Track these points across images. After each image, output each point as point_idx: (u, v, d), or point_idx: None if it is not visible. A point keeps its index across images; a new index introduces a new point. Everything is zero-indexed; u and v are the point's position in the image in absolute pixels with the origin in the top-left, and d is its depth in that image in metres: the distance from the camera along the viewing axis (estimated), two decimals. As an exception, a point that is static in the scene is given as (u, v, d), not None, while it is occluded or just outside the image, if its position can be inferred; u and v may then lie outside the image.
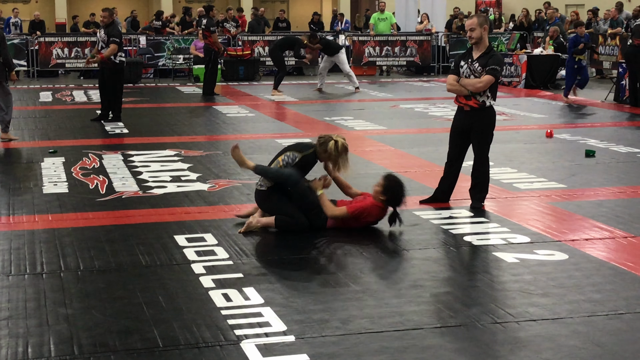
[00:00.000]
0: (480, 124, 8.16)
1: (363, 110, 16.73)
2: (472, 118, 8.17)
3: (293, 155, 7.44)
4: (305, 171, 7.49)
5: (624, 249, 6.87)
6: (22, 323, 5.19)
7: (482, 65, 8.03)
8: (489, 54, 8.09)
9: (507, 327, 5.14)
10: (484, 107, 8.12)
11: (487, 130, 8.22)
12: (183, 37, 24.94)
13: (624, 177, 9.82)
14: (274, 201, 7.37)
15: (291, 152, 7.49)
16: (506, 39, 25.89)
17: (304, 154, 7.45)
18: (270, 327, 5.10)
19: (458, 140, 8.33)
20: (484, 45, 8.11)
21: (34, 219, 7.84)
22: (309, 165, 7.52)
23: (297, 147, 7.60)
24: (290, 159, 7.42)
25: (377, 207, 7.40)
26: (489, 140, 8.28)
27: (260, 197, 7.47)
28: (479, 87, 8.02)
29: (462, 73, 8.15)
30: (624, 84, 17.70)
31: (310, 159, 7.49)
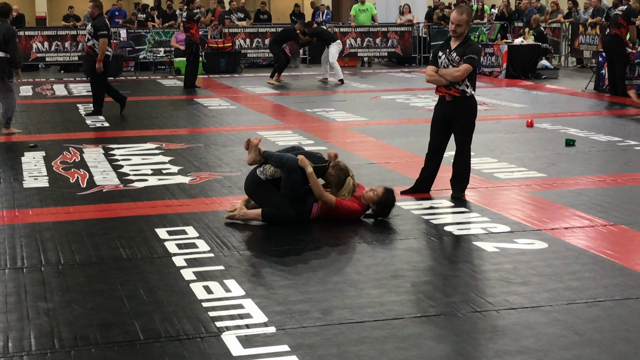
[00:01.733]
0: (462, 113, 8.19)
1: (344, 101, 16.75)
2: (454, 107, 8.19)
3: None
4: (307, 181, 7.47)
5: (604, 237, 6.91)
6: (3, 317, 5.18)
7: (459, 55, 8.05)
8: (467, 43, 8.11)
9: (486, 315, 5.17)
10: (465, 96, 8.14)
11: (469, 119, 8.24)
12: (164, 30, 24.86)
13: (604, 166, 9.88)
14: (266, 189, 7.35)
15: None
16: (487, 29, 25.96)
17: (317, 166, 7.41)
18: (251, 318, 5.11)
19: (440, 131, 8.35)
20: (462, 35, 8.14)
21: (15, 214, 7.82)
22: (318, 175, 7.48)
23: (311, 156, 7.48)
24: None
25: (357, 213, 7.45)
26: (470, 130, 8.30)
27: (254, 182, 7.40)
28: (457, 76, 8.05)
29: (441, 64, 8.18)
30: (603, 73, 17.77)
31: (320, 173, 7.46)
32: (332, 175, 7.46)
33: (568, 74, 22.28)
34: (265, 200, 7.34)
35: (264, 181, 7.35)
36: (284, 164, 7.27)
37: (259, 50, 25.13)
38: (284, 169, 7.28)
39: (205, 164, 10.06)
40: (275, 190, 7.33)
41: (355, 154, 10.57)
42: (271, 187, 7.34)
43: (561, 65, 24.62)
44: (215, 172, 9.55)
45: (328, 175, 7.48)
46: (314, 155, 7.55)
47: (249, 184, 7.48)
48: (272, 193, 7.33)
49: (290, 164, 7.26)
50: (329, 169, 7.46)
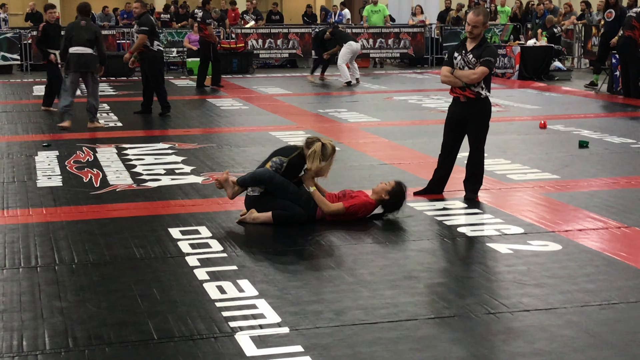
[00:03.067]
0: (476, 114, 8.17)
1: (357, 102, 16.74)
2: (469, 109, 8.18)
3: (280, 160, 7.39)
4: (294, 174, 7.48)
5: (617, 239, 6.88)
6: (17, 316, 5.19)
7: (476, 57, 8.03)
8: (483, 45, 8.09)
9: (501, 317, 5.15)
10: (479, 98, 8.13)
11: (482, 121, 8.23)
12: (176, 30, 24.91)
13: (618, 168, 9.85)
14: (268, 200, 7.36)
15: (277, 157, 7.45)
16: (500, 30, 25.90)
17: (290, 157, 7.43)
18: (265, 318, 5.11)
19: (453, 132, 8.33)
20: (478, 37, 8.13)
21: (28, 213, 7.84)
22: (296, 168, 7.48)
23: (282, 151, 7.55)
24: (277, 164, 7.37)
25: (371, 205, 7.45)
26: (484, 131, 8.29)
27: (252, 201, 7.45)
28: (473, 79, 8.03)
29: (456, 64, 8.16)
30: (617, 74, 17.72)
31: (296, 162, 7.45)
32: (309, 156, 7.38)
33: (581, 75, 22.21)
34: (270, 206, 7.34)
35: (260, 195, 7.37)
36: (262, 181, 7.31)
37: (271, 51, 25.17)
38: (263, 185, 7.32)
39: (218, 164, 10.07)
40: (275, 196, 7.34)
41: (367, 154, 10.57)
42: (270, 196, 7.35)
43: (574, 66, 24.56)
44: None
45: (306, 157, 7.42)
46: (286, 148, 7.61)
47: (249, 205, 7.49)
48: (275, 200, 7.33)
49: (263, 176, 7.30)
50: (304, 151, 7.44)
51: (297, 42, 25.23)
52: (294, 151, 7.49)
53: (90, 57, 13.21)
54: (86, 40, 13.11)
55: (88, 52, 13.15)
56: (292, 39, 25.22)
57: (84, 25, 13.28)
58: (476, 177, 8.29)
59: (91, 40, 13.18)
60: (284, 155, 7.46)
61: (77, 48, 13.09)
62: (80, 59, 13.11)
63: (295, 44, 25.22)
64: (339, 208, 7.33)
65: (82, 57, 13.12)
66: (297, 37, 25.29)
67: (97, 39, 13.30)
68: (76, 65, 13.12)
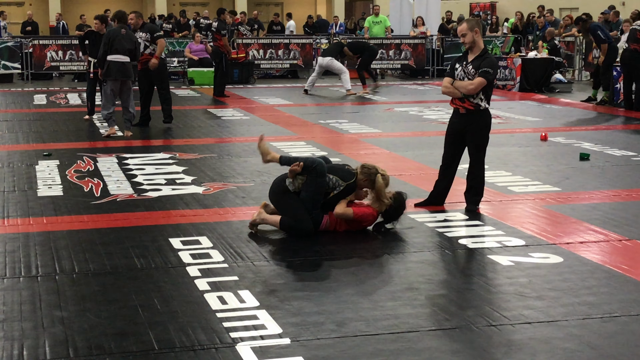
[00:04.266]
0: (475, 126, 8.17)
1: (358, 113, 16.75)
2: (468, 120, 8.18)
3: (337, 182, 7.40)
4: (342, 197, 7.47)
5: (619, 252, 6.88)
6: (17, 326, 5.18)
7: (475, 68, 8.05)
8: (483, 56, 8.10)
9: (502, 329, 5.14)
10: (479, 110, 8.13)
11: (482, 132, 8.23)
12: (177, 40, 24.94)
13: (619, 181, 9.84)
14: (290, 198, 7.36)
15: (334, 176, 7.43)
16: (501, 42, 25.95)
17: (348, 183, 7.44)
18: (266, 329, 5.10)
19: (453, 143, 8.34)
20: (479, 48, 8.14)
21: (29, 222, 7.84)
22: (349, 192, 7.51)
23: (339, 173, 7.50)
24: (332, 183, 7.38)
25: (373, 215, 7.46)
26: (484, 143, 8.29)
27: (280, 189, 7.43)
28: (471, 89, 8.04)
29: (457, 75, 8.17)
30: (618, 87, 17.73)
31: (352, 189, 7.49)
32: (364, 181, 7.46)
33: (582, 87, 22.23)
34: (286, 209, 7.35)
35: (291, 191, 7.36)
36: (314, 169, 7.28)
37: (272, 61, 25.18)
38: (312, 173, 7.28)
39: (219, 174, 10.07)
40: (299, 201, 7.33)
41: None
42: (295, 198, 7.35)
43: (575, 79, 24.58)
44: (229, 183, 9.56)
45: (359, 182, 7.48)
46: (344, 170, 7.56)
47: (275, 190, 7.48)
48: (295, 203, 7.33)
49: (321, 168, 7.29)
50: (357, 177, 7.47)
51: (298, 52, 25.27)
52: (351, 177, 7.48)
53: (129, 65, 13.42)
54: (127, 50, 13.33)
55: (127, 61, 13.33)
56: (293, 49, 25.26)
57: (125, 34, 13.45)
58: (477, 189, 8.29)
59: (132, 50, 13.43)
60: (342, 178, 7.44)
61: (117, 56, 13.23)
62: (121, 67, 13.27)
63: (296, 54, 25.26)
64: (348, 214, 7.33)
65: (123, 65, 13.28)
66: (298, 47, 25.32)
67: (137, 48, 13.64)
68: (118, 73, 13.26)
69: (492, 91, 8.30)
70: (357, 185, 7.50)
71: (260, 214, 7.45)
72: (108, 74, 13.31)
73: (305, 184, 7.31)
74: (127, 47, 13.33)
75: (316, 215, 7.34)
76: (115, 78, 13.31)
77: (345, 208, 7.37)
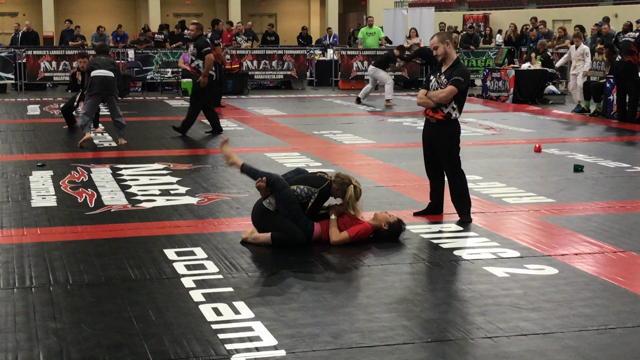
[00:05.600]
0: (440, 136, 8.23)
1: (352, 124, 16.76)
2: (434, 130, 8.25)
3: (309, 191, 7.40)
4: (320, 203, 7.50)
5: (614, 264, 6.88)
6: (12, 337, 5.16)
7: (447, 78, 8.12)
8: (455, 66, 8.17)
9: (497, 341, 5.13)
10: (449, 120, 8.17)
11: (447, 142, 8.23)
12: (171, 51, 24.94)
13: (613, 192, 9.85)
14: (273, 216, 7.35)
15: (305, 186, 7.43)
16: (494, 54, 26.00)
17: (321, 188, 7.44)
18: (261, 341, 5.08)
19: (429, 153, 8.41)
20: (451, 58, 8.21)
21: (23, 233, 7.81)
22: (325, 198, 7.53)
23: (310, 181, 7.50)
24: (305, 193, 7.39)
25: (370, 231, 7.48)
26: (452, 152, 8.28)
27: (260, 212, 7.44)
28: (442, 97, 8.10)
29: (431, 87, 8.25)
30: (611, 99, 17.78)
31: (327, 192, 7.50)
32: (337, 190, 7.48)
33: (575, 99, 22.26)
34: (273, 228, 7.32)
35: (272, 211, 7.36)
36: (273, 183, 7.30)
37: (266, 72, 25.19)
38: (273, 188, 7.31)
39: (213, 185, 10.06)
40: (281, 216, 7.32)
41: (362, 176, 10.54)
42: (278, 215, 7.34)
43: (568, 90, 24.59)
44: (223, 193, 9.54)
45: (333, 190, 7.50)
46: (315, 178, 7.58)
47: (256, 215, 7.49)
48: (278, 219, 7.32)
49: (278, 182, 7.32)
50: (332, 185, 7.48)
51: (292, 63, 25.28)
52: (323, 182, 7.49)
53: (112, 79, 13.44)
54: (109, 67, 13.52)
55: (111, 75, 13.38)
56: (287, 60, 25.27)
57: (105, 59, 13.72)
58: (460, 198, 8.27)
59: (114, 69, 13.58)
60: (314, 185, 7.45)
61: (100, 71, 13.34)
62: (104, 81, 13.32)
63: (290, 65, 25.27)
64: (345, 238, 7.34)
65: (105, 79, 13.33)
66: (292, 58, 25.33)
67: (117, 70, 13.86)
68: (100, 86, 13.32)
69: (465, 100, 8.32)
70: (331, 190, 7.49)
71: (252, 232, 7.44)
72: (91, 89, 13.34)
73: (275, 200, 7.33)
74: (109, 67, 13.51)
75: (304, 224, 7.33)
76: (98, 92, 13.34)
77: (339, 234, 7.36)
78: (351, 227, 7.39)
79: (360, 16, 44.66)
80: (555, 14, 36.36)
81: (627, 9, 33.20)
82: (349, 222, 7.44)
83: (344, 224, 7.43)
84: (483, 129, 15.42)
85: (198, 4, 47.12)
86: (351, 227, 7.40)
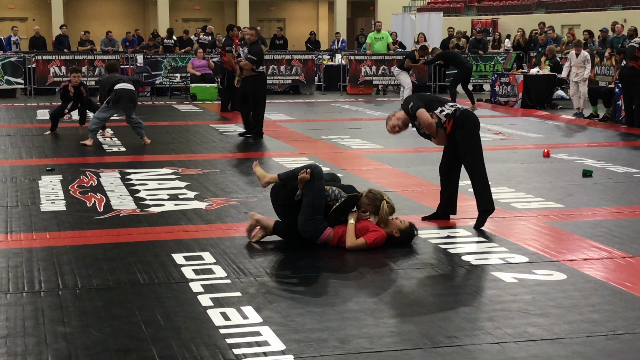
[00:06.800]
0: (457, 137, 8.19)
1: (360, 129, 16.76)
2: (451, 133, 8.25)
3: (339, 193, 7.46)
4: (343, 210, 7.51)
5: (623, 269, 6.87)
6: (21, 341, 5.17)
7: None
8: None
9: (505, 347, 5.13)
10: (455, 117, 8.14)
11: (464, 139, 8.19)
12: (180, 56, 24.99)
13: (622, 197, 9.84)
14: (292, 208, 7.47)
15: (337, 188, 7.51)
16: (502, 59, 25.98)
17: (351, 195, 7.49)
18: (269, 346, 5.09)
19: (448, 150, 8.39)
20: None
21: (32, 237, 7.83)
22: (350, 207, 7.53)
23: (342, 186, 7.61)
24: (335, 194, 7.44)
25: (385, 238, 7.49)
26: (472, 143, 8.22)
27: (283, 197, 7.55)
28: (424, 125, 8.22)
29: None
30: (619, 104, 17.76)
31: (354, 203, 7.52)
32: (367, 205, 7.49)
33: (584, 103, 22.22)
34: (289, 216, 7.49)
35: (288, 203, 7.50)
36: (312, 171, 7.38)
37: (274, 77, 25.20)
38: (310, 176, 7.36)
39: (222, 190, 10.07)
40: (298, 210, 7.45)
41: (370, 181, 10.56)
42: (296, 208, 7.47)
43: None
44: (232, 198, 9.56)
45: (362, 204, 7.51)
46: (347, 186, 7.68)
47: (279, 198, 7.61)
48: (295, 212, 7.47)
49: (317, 170, 7.43)
50: (362, 199, 7.50)
51: (300, 68, 25.30)
52: (354, 191, 7.57)
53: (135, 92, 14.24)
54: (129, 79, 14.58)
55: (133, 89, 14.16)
56: (295, 65, 25.29)
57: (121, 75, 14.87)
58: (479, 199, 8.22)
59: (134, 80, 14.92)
60: (345, 190, 7.53)
61: (124, 85, 14.01)
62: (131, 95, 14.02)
63: (298, 70, 25.30)
64: (361, 244, 7.34)
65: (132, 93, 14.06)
66: (300, 63, 25.36)
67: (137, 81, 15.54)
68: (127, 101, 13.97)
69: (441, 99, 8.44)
70: (360, 203, 7.51)
71: (253, 215, 7.63)
72: (117, 101, 13.86)
73: (306, 190, 7.36)
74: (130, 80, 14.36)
75: (318, 222, 7.35)
76: (123, 105, 13.94)
77: (356, 240, 7.37)
78: (368, 234, 7.39)
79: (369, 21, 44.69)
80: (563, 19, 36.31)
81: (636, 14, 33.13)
82: (364, 228, 7.44)
83: (360, 230, 7.43)
84: (491, 134, 15.41)
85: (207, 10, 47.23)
86: (368, 233, 7.40)
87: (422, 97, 8.34)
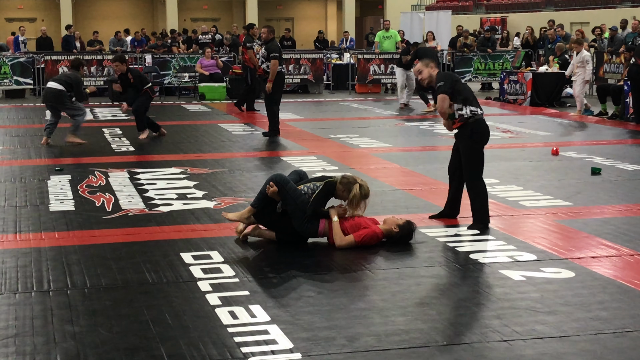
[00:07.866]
0: (462, 139, 8.21)
1: (368, 127, 16.76)
2: (458, 135, 8.28)
3: (314, 186, 7.55)
4: (324, 196, 7.55)
5: (631, 267, 6.86)
6: (29, 340, 5.19)
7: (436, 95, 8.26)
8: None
9: (513, 345, 5.13)
10: (467, 122, 8.11)
11: (467, 143, 8.17)
12: (189, 56, 25.02)
13: (630, 195, 9.82)
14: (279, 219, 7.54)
15: (311, 182, 7.62)
16: (511, 57, 25.94)
17: (325, 181, 7.55)
18: (277, 344, 5.10)
19: (455, 151, 8.39)
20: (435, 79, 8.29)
21: (41, 237, 7.86)
22: (330, 193, 7.57)
23: (315, 179, 7.76)
24: (311, 189, 7.51)
25: (379, 235, 7.47)
26: (471, 153, 8.17)
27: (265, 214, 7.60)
28: (439, 110, 8.19)
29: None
30: (628, 101, 17.71)
31: (331, 186, 7.55)
32: (343, 191, 7.53)
33: (593, 102, 22.15)
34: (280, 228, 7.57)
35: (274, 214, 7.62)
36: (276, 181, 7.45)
37: (283, 76, 25.15)
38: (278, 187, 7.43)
39: (230, 189, 10.09)
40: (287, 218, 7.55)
41: (379, 180, 10.57)
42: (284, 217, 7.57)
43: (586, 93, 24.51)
44: (240, 197, 9.57)
45: (339, 192, 7.54)
46: (319, 177, 7.83)
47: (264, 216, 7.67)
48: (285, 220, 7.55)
49: (279, 178, 7.52)
50: (337, 186, 7.53)
51: (309, 67, 25.31)
52: (327, 179, 7.65)
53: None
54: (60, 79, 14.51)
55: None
56: (304, 64, 25.30)
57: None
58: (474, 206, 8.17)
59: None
60: (318, 180, 7.65)
61: (50, 83, 14.23)
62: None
63: (306, 69, 25.30)
64: (350, 242, 7.35)
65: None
66: (309, 62, 25.36)
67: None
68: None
69: (471, 95, 8.22)
70: (336, 190, 7.55)
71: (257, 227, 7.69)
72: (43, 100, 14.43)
73: (282, 197, 7.46)
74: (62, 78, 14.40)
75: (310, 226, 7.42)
76: (48, 107, 14.39)
77: (344, 237, 7.38)
78: (357, 232, 7.39)
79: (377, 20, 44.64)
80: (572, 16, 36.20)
81: (645, 11, 33.03)
82: (356, 226, 7.44)
83: (350, 228, 7.43)
84: (500, 132, 15.38)
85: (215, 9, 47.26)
86: (358, 231, 7.40)
87: (456, 85, 8.18)
